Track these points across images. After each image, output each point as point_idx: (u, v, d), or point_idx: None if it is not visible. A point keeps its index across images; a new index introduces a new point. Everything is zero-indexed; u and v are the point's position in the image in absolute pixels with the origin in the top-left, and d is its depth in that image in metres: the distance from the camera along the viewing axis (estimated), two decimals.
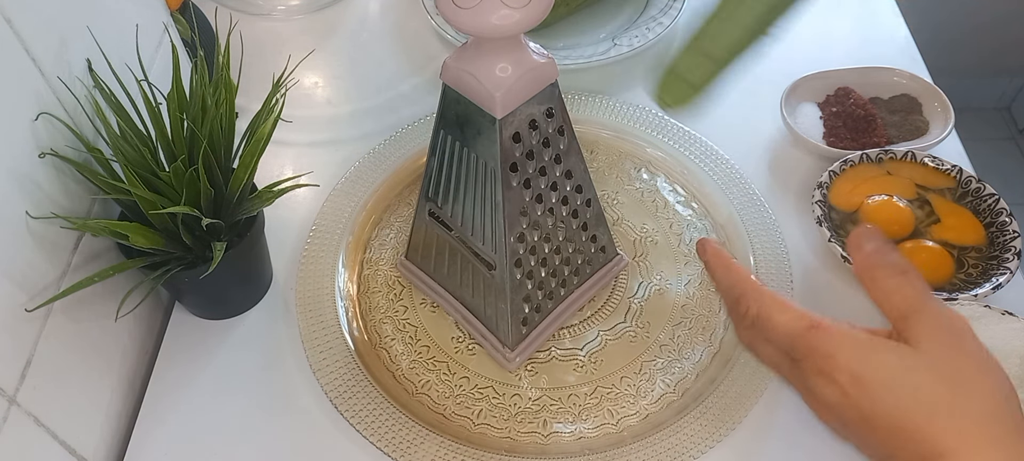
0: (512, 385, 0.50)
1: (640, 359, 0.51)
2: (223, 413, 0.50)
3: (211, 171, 0.45)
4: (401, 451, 0.46)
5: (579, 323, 0.53)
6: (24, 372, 0.40)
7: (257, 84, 0.55)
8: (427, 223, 0.51)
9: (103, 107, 0.45)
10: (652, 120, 0.65)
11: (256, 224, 0.50)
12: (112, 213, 0.49)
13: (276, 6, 0.81)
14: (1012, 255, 0.52)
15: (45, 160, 0.42)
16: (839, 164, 0.58)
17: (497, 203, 0.44)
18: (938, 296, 0.50)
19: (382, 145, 0.63)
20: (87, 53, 0.46)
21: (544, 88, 0.42)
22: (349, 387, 0.49)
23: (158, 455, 0.48)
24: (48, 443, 0.42)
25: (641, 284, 0.55)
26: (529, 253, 0.47)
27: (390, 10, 0.81)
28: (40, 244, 0.42)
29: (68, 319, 0.44)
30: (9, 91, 0.39)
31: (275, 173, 0.63)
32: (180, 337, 0.53)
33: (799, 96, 0.65)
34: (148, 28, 0.56)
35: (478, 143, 0.43)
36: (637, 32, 0.73)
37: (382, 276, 0.56)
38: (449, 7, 0.38)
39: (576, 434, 0.48)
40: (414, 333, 0.53)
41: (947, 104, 0.62)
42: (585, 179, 0.48)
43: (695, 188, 0.60)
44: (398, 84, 0.72)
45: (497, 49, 0.40)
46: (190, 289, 0.51)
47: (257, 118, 0.47)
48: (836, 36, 0.75)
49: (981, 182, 0.56)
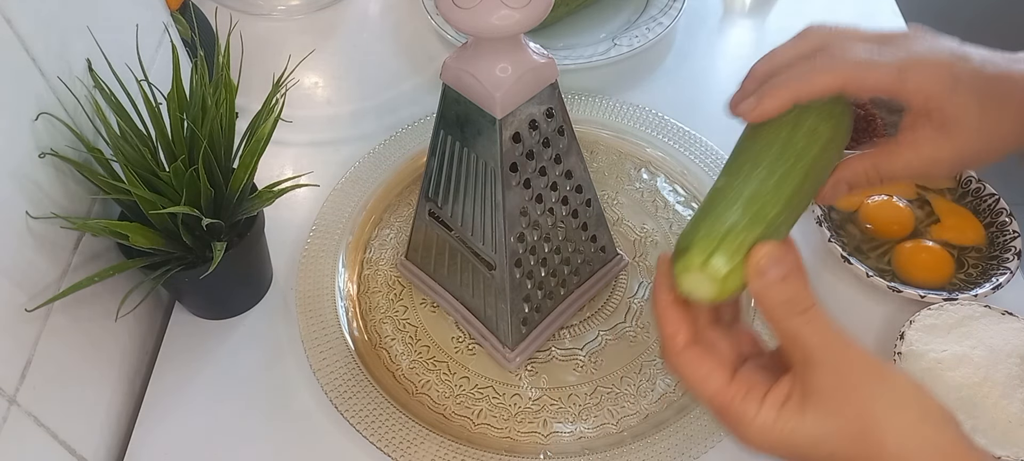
0: (512, 385, 0.50)
1: (640, 359, 0.51)
2: (223, 413, 0.50)
3: (211, 171, 0.45)
4: (401, 451, 0.46)
5: (579, 323, 0.53)
6: (24, 372, 0.40)
7: (257, 84, 0.55)
8: (427, 223, 0.51)
9: (103, 107, 0.45)
10: (652, 120, 0.65)
11: (256, 224, 0.50)
12: (112, 213, 0.49)
13: (276, 6, 0.81)
14: (1012, 255, 0.52)
15: (45, 160, 0.42)
16: None
17: (497, 203, 0.44)
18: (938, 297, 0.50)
19: (382, 145, 0.63)
20: (87, 53, 0.46)
21: (544, 88, 0.42)
22: (349, 387, 0.49)
23: (158, 455, 0.48)
24: (48, 443, 0.42)
25: (641, 284, 0.55)
26: (529, 253, 0.47)
27: (390, 10, 0.81)
28: (40, 244, 0.42)
29: (68, 319, 0.44)
30: (9, 91, 0.39)
31: (275, 173, 0.63)
32: (180, 337, 0.53)
33: None
34: (148, 28, 0.56)
35: (478, 143, 0.43)
36: (637, 32, 0.73)
37: (382, 276, 0.56)
38: (449, 7, 0.38)
39: (576, 434, 0.48)
40: (414, 333, 0.53)
41: None
42: (585, 179, 0.48)
43: (695, 188, 0.60)
44: (398, 84, 0.72)
45: (497, 49, 0.40)
46: (190, 289, 0.51)
47: (257, 118, 0.47)
48: None
49: (981, 182, 0.56)
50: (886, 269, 0.54)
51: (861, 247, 0.55)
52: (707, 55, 0.74)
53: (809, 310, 0.31)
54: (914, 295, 0.50)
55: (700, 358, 0.33)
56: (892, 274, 0.53)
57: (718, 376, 0.33)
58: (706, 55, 0.74)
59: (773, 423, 0.31)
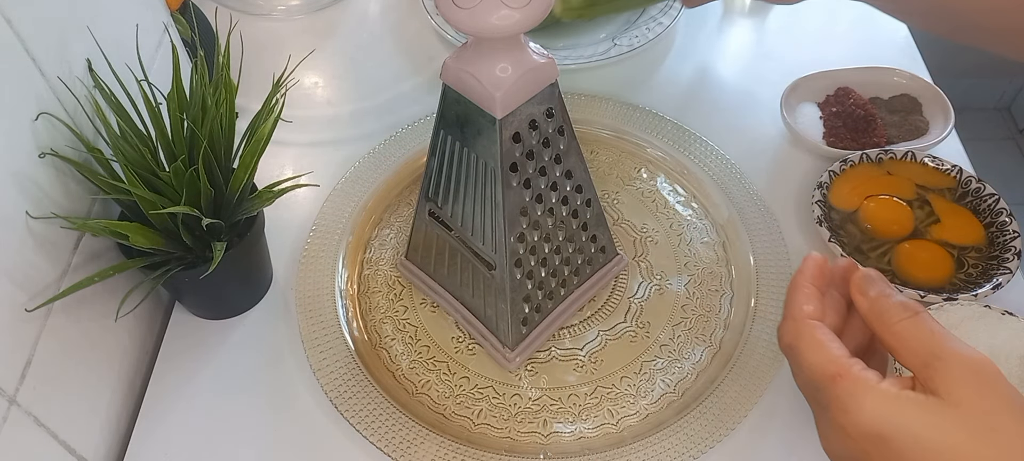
0: (512, 385, 0.50)
1: (640, 359, 0.51)
2: (223, 413, 0.50)
3: (211, 171, 0.45)
4: (401, 451, 0.46)
5: (579, 323, 0.53)
6: (24, 372, 0.40)
7: (257, 84, 0.55)
8: (427, 223, 0.51)
9: (103, 107, 0.45)
10: (652, 120, 0.65)
11: (256, 224, 0.50)
12: (112, 213, 0.49)
13: (276, 6, 0.81)
14: (1012, 255, 0.52)
15: (45, 160, 0.42)
16: (839, 164, 0.58)
17: (497, 203, 0.44)
18: (938, 297, 0.50)
19: (382, 145, 0.63)
20: (87, 53, 0.46)
21: (544, 88, 0.42)
22: (349, 387, 0.49)
23: (158, 455, 0.48)
24: (48, 443, 0.42)
25: (641, 284, 0.55)
26: (529, 253, 0.47)
27: (390, 10, 0.81)
28: (40, 244, 0.42)
29: (68, 319, 0.44)
30: (9, 91, 0.39)
31: (275, 173, 0.63)
32: (180, 337, 0.53)
33: (799, 96, 0.65)
34: (148, 28, 0.56)
35: (478, 143, 0.43)
36: (637, 32, 0.73)
37: (382, 276, 0.56)
38: (449, 7, 0.38)
39: (576, 434, 0.48)
40: (414, 333, 0.53)
41: (947, 104, 0.62)
42: (585, 179, 0.48)
43: (695, 188, 0.60)
44: (398, 84, 0.72)
45: (497, 49, 0.40)
46: (190, 289, 0.51)
47: (257, 118, 0.47)
48: (836, 36, 0.75)
49: (981, 182, 0.56)
50: (886, 269, 0.54)
51: (861, 247, 0.55)
52: (707, 55, 0.74)
53: (920, 313, 0.32)
54: (914, 295, 0.50)
55: (822, 328, 0.34)
56: (892, 274, 0.53)
57: (838, 346, 0.33)
58: (706, 55, 0.74)
59: (895, 397, 0.30)
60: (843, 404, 0.31)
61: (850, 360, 0.32)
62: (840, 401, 0.31)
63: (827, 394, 0.32)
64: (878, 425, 0.30)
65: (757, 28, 0.77)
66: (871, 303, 0.34)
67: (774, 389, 0.49)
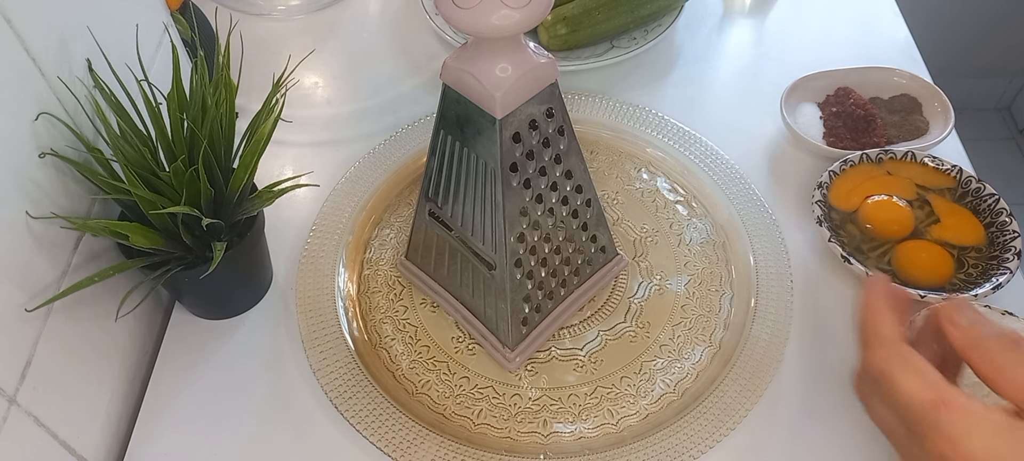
0: (512, 385, 0.50)
1: (640, 359, 0.51)
2: (223, 413, 0.50)
3: (211, 171, 0.45)
4: (401, 451, 0.46)
5: (579, 323, 0.53)
6: (24, 372, 0.40)
7: (257, 84, 0.55)
8: (427, 223, 0.51)
9: (103, 107, 0.45)
10: (652, 120, 0.65)
11: (256, 224, 0.50)
12: (112, 213, 0.49)
13: (276, 6, 0.81)
14: (1012, 255, 0.52)
15: (45, 160, 0.42)
16: (839, 164, 0.58)
17: (497, 203, 0.44)
18: (938, 297, 0.50)
19: (382, 145, 0.63)
20: (87, 53, 0.46)
21: (544, 88, 0.42)
22: (349, 387, 0.49)
23: (158, 455, 0.48)
24: (48, 443, 0.42)
25: (641, 284, 0.55)
26: (529, 253, 0.47)
27: (390, 10, 0.81)
28: (40, 244, 0.42)
29: (68, 319, 0.44)
30: (9, 91, 0.39)
31: (275, 173, 0.63)
32: (180, 337, 0.53)
33: (799, 96, 0.65)
34: (148, 28, 0.56)
35: (478, 143, 0.43)
36: (637, 32, 0.73)
37: (382, 276, 0.56)
38: (449, 7, 0.38)
39: (576, 434, 0.48)
40: (414, 333, 0.53)
41: (947, 104, 0.62)
42: (585, 179, 0.48)
43: (695, 188, 0.60)
44: (398, 84, 0.72)
45: (497, 49, 0.40)
46: (190, 289, 0.51)
47: (257, 118, 0.47)
48: (836, 36, 0.75)
49: (981, 182, 0.56)
50: (886, 269, 0.54)
51: (861, 247, 0.55)
52: (707, 55, 0.74)
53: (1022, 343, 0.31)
54: (914, 295, 0.50)
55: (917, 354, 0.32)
56: (892, 274, 0.53)
57: (935, 372, 0.32)
58: (706, 55, 0.74)
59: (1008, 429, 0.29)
60: (948, 434, 0.30)
61: (951, 388, 0.31)
62: (946, 431, 0.30)
63: (926, 423, 0.31)
64: (988, 457, 0.29)
65: (757, 28, 0.77)
66: (964, 333, 0.32)
67: (774, 389, 0.49)
